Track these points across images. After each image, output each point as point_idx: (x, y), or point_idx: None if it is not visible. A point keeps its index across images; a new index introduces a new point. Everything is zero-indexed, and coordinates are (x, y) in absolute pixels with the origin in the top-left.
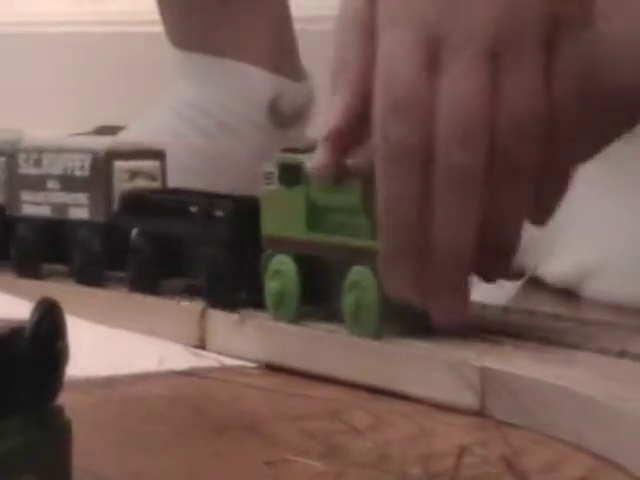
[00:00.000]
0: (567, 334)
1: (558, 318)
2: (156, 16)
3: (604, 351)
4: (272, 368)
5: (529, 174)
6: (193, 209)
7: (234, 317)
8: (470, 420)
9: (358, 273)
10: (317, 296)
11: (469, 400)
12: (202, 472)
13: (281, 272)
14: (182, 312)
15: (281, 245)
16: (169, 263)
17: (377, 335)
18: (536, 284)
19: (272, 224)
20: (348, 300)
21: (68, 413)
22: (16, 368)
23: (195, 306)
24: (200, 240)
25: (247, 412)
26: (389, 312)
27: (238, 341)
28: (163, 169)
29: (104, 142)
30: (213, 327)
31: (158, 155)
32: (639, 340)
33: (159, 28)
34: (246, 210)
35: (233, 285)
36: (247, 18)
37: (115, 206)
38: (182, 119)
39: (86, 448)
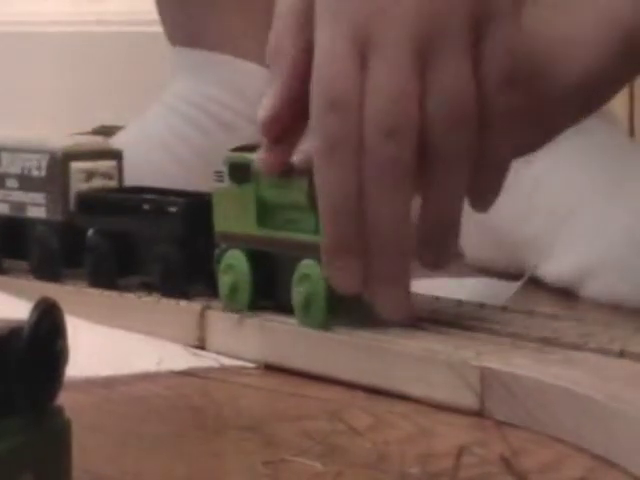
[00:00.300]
0: (566, 334)
1: (557, 318)
2: (155, 16)
3: (603, 351)
4: (271, 368)
5: (461, 162)
6: (146, 207)
7: (233, 317)
8: (469, 420)
9: (307, 267)
10: (269, 289)
11: (468, 400)
12: (201, 472)
13: (234, 266)
14: (181, 312)
15: (233, 241)
16: (125, 260)
17: (325, 326)
18: (535, 284)
19: (224, 221)
20: (298, 292)
21: (67, 413)
22: (15, 368)
23: (194, 306)
24: (154, 237)
25: (246, 412)
26: (339, 304)
27: (237, 341)
28: (120, 168)
29: (61, 142)
30: (212, 327)
31: (115, 155)
32: (638, 340)
33: (158, 28)
34: (198, 207)
35: (186, 281)
36: (245, 14)
37: (72, 205)
38: (180, 117)
39: (85, 448)
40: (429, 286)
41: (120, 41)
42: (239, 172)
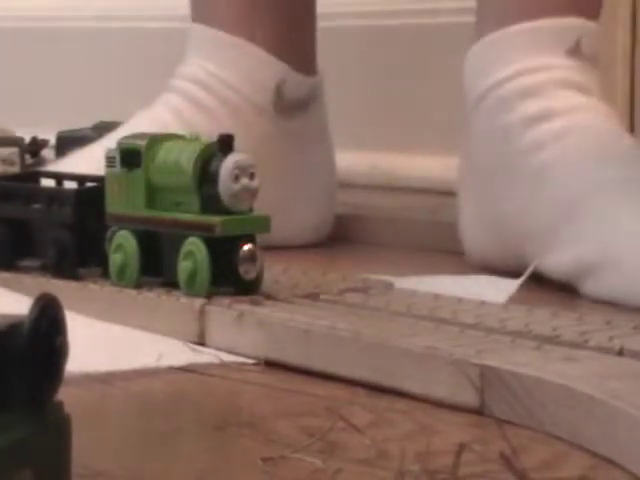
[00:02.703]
0: (566, 332)
1: (557, 316)
2: (159, 12)
3: (603, 349)
4: (271, 364)
5: None
6: (41, 193)
7: (233, 313)
8: (469, 418)
9: (192, 244)
10: (156, 266)
11: (469, 398)
12: (200, 468)
13: (123, 246)
14: (181, 308)
15: (123, 222)
16: (24, 244)
17: (208, 296)
18: (536, 281)
19: (115, 203)
20: (184, 267)
21: (67, 409)
22: (15, 364)
23: (194, 302)
24: (48, 223)
25: (246, 409)
26: (219, 276)
27: (237, 337)
28: (22, 155)
29: None
30: (212, 323)
31: (16, 142)
32: (638, 338)
33: (159, 24)
34: (89, 193)
35: (78, 263)
36: (262, 2)
37: None
38: (183, 96)
39: (85, 444)
40: (430, 283)
41: (120, 37)
42: (130, 157)
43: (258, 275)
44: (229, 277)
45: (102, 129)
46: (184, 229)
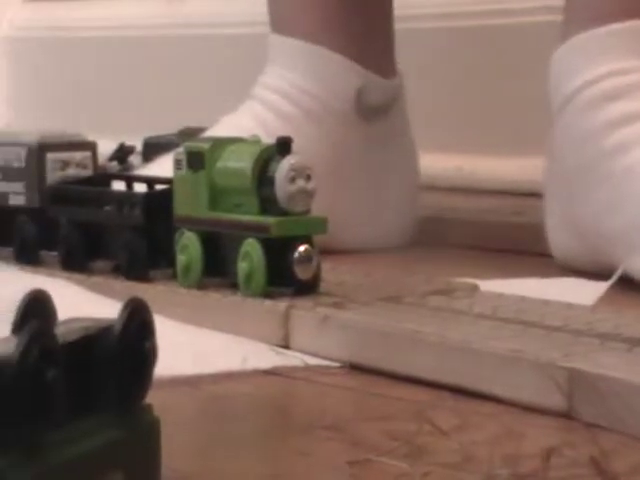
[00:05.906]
0: None
1: None
2: (240, 18)
3: None
4: (356, 368)
5: None
6: (112, 196)
7: (318, 317)
8: (557, 421)
9: (249, 245)
10: (220, 267)
11: (556, 401)
12: (285, 471)
13: (188, 247)
14: (266, 312)
15: (188, 223)
16: (95, 246)
17: (265, 295)
18: (625, 283)
19: (181, 205)
20: (241, 268)
21: (155, 411)
22: (106, 367)
23: (279, 306)
24: (119, 226)
25: (331, 412)
26: (275, 277)
27: (322, 341)
28: (94, 159)
29: (36, 135)
30: (297, 327)
31: (89, 146)
32: None
33: (244, 30)
34: (158, 196)
35: (148, 265)
36: (339, 7)
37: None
38: (266, 106)
39: (171, 446)
40: (515, 286)
41: (205, 44)
42: (195, 160)
43: (315, 275)
44: (285, 277)
45: (187, 135)
46: (242, 230)
